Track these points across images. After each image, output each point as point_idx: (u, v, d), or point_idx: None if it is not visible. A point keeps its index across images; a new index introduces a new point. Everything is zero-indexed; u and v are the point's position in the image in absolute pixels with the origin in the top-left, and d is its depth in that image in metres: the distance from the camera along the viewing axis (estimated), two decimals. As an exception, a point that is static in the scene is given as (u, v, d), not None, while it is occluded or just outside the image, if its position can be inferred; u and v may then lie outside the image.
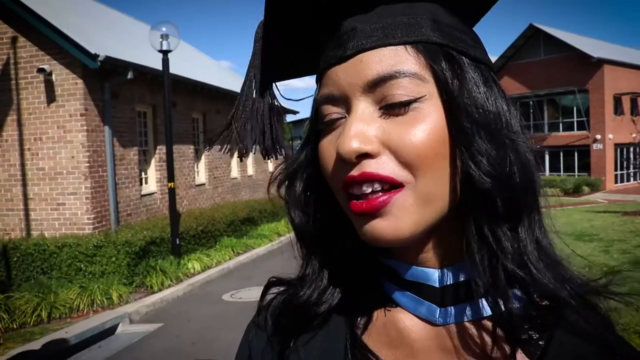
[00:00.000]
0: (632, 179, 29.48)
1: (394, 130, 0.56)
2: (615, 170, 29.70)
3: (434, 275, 0.62)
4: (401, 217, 0.56)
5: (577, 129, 29.84)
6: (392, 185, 0.56)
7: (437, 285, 0.61)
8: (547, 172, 30.78)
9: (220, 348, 5.84)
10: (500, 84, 0.62)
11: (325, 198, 0.66)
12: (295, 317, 0.67)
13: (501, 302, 0.56)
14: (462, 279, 0.61)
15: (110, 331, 6.93)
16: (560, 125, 30.85)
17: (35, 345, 5.99)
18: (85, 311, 7.46)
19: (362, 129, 0.56)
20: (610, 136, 28.76)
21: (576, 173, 29.68)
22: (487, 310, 0.59)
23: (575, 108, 29.71)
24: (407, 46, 0.57)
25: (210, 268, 10.15)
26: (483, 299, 0.59)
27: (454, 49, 0.59)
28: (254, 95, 0.69)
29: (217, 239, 11.41)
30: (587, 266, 9.13)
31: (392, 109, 0.57)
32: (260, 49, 0.68)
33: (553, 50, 29.81)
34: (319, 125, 0.63)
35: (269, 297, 0.74)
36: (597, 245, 11.02)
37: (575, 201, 22.53)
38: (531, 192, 0.58)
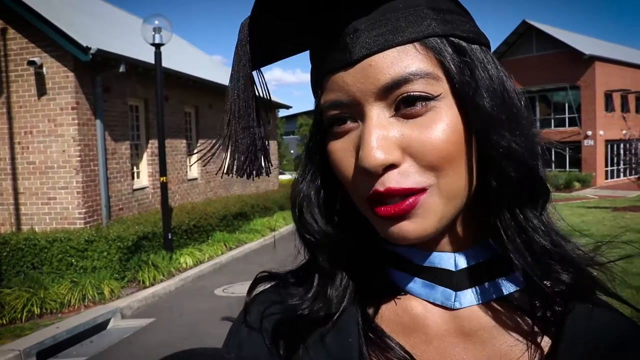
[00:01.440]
0: (622, 175, 29.65)
1: (414, 133, 0.55)
2: (606, 166, 29.93)
3: (449, 259, 0.62)
4: (427, 217, 0.56)
5: (569, 125, 30.02)
6: (416, 192, 0.56)
7: (453, 269, 0.62)
8: (539, 168, 30.93)
9: (212, 343, 5.78)
10: (496, 60, 0.61)
11: (331, 197, 0.66)
12: (302, 320, 0.64)
13: (536, 273, 0.59)
14: (477, 262, 0.62)
15: (101, 326, 6.90)
16: (552, 121, 31.01)
17: (26, 340, 5.96)
18: (76, 306, 7.42)
19: (382, 137, 0.55)
20: (601, 132, 28.96)
21: (567, 169, 29.86)
22: (503, 291, 0.62)
23: (567, 104, 29.89)
24: (415, 44, 0.56)
25: (202, 263, 10.13)
26: (499, 280, 0.62)
27: (459, 37, 0.58)
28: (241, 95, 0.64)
29: (209, 233, 11.39)
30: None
31: (408, 111, 0.55)
32: (245, 37, 0.62)
33: (545, 46, 29.94)
34: (326, 129, 0.61)
35: (257, 293, 0.71)
36: (588, 241, 11.08)
37: (566, 197, 22.68)
38: (542, 175, 0.60)
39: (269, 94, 0.67)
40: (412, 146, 0.55)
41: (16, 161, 9.25)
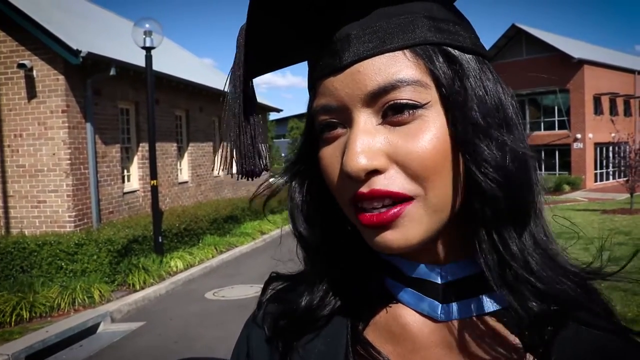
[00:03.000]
0: (611, 177, 29.90)
1: (400, 141, 0.55)
2: (595, 169, 30.13)
3: (436, 271, 0.62)
4: (411, 228, 0.56)
5: (558, 128, 30.21)
6: (402, 198, 0.55)
7: (439, 281, 0.62)
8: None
9: (202, 346, 5.83)
10: (497, 73, 0.61)
11: (326, 205, 0.66)
12: (296, 321, 0.67)
13: (510, 299, 0.57)
14: (463, 275, 0.62)
15: (91, 330, 6.86)
16: (542, 124, 31.19)
17: (15, 344, 5.92)
18: (66, 310, 7.37)
19: (367, 143, 0.54)
20: (590, 135, 29.16)
21: (557, 172, 30.04)
22: (490, 307, 0.61)
23: (556, 108, 30.08)
24: (405, 51, 0.55)
25: (193, 266, 10.10)
26: (485, 296, 0.61)
27: (453, 46, 0.57)
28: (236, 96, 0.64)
29: (200, 237, 11.35)
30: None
31: (395, 118, 0.55)
32: (243, 43, 0.63)
33: (535, 50, 30.12)
34: (317, 133, 0.61)
35: (269, 292, 0.74)
36: (577, 243, 11.17)
37: (555, 199, 22.80)
38: (532, 194, 0.58)
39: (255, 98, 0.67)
40: (399, 154, 0.54)
41: (6, 164, 9.20)
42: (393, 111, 0.55)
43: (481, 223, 0.57)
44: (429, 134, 0.54)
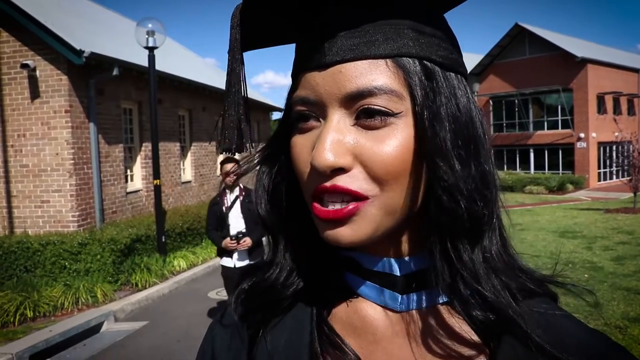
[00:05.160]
0: (614, 177, 29.82)
1: (367, 143, 0.57)
2: (599, 168, 30.05)
3: (394, 264, 0.64)
4: (362, 225, 0.58)
5: (562, 128, 30.14)
6: (359, 197, 0.58)
7: (398, 273, 0.64)
8: (532, 170, 31.08)
9: (206, 346, 5.82)
10: (470, 90, 0.63)
11: (292, 189, 0.68)
12: (263, 298, 0.68)
13: (456, 304, 0.61)
14: (420, 267, 0.64)
15: (95, 329, 6.89)
16: (545, 123, 31.13)
17: (19, 344, 5.94)
18: (69, 309, 7.40)
19: (337, 141, 0.57)
20: (594, 135, 29.09)
21: (560, 171, 29.99)
22: (445, 297, 0.63)
23: (559, 107, 30.01)
24: (387, 60, 0.58)
25: (196, 266, 10.12)
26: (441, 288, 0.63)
27: (433, 61, 0.59)
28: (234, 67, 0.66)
29: (203, 236, 11.36)
30: (570, 262, 9.26)
31: (367, 122, 0.57)
32: (238, 23, 0.65)
33: (538, 49, 30.07)
34: (292, 123, 0.64)
35: (241, 286, 0.74)
36: (581, 242, 11.16)
37: (559, 199, 22.78)
38: (490, 210, 0.60)
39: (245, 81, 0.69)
40: (364, 155, 0.57)
41: (9, 164, 9.22)
42: (366, 115, 0.57)
43: (436, 229, 0.60)
44: (395, 141, 0.57)
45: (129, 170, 11.18)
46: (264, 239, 5.21)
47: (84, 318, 6.93)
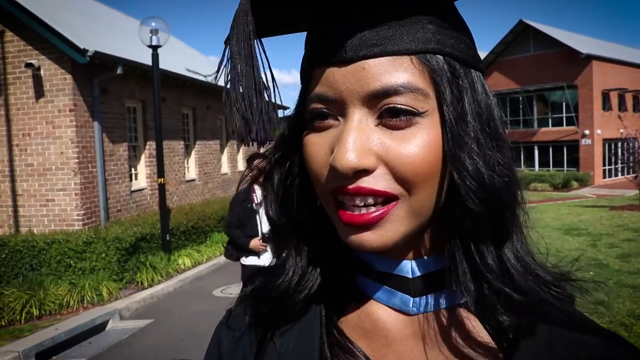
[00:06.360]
0: (619, 174, 29.68)
1: (392, 144, 0.54)
2: (604, 165, 29.93)
3: (407, 267, 0.62)
4: (390, 230, 0.56)
5: (566, 125, 30.03)
6: (385, 199, 0.55)
7: (410, 276, 0.62)
8: (537, 167, 30.99)
9: (211, 344, 5.84)
10: (488, 87, 0.61)
11: (303, 191, 0.65)
12: (274, 303, 0.66)
13: (479, 310, 0.59)
14: (434, 269, 0.62)
15: (100, 327, 6.91)
16: (550, 120, 31.03)
17: (25, 342, 5.96)
18: (75, 307, 7.43)
19: (360, 141, 0.54)
20: (599, 131, 28.98)
21: (565, 168, 29.88)
22: (460, 299, 0.61)
23: (564, 103, 29.89)
24: (412, 57, 0.55)
25: (200, 264, 10.14)
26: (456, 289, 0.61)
27: (456, 58, 0.57)
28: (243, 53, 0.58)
29: (207, 234, 11.39)
30: (576, 260, 9.19)
31: (391, 122, 0.55)
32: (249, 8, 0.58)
33: (542, 46, 29.95)
34: (307, 120, 0.60)
35: (248, 288, 0.73)
36: (585, 239, 11.12)
37: (564, 196, 22.72)
38: (515, 212, 0.59)
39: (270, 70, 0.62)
40: (389, 156, 0.54)
41: (14, 163, 9.25)
42: (390, 114, 0.55)
43: (458, 232, 0.58)
44: (422, 141, 0.54)
45: (133, 169, 11.20)
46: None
47: (89, 316, 6.95)
